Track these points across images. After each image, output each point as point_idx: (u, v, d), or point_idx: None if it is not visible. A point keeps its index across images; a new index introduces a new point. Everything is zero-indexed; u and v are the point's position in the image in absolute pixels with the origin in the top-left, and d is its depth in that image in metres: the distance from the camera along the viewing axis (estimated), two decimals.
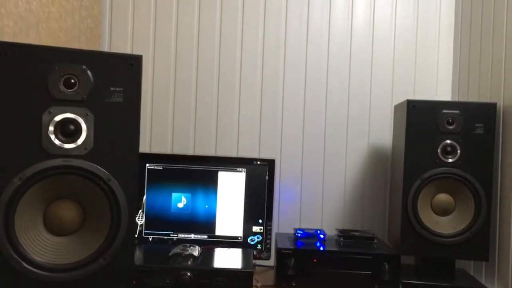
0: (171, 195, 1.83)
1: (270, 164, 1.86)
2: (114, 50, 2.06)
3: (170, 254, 1.55)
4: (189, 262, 1.50)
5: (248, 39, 2.10)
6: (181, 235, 1.82)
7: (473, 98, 1.90)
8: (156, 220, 1.82)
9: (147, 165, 1.83)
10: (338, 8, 2.11)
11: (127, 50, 2.07)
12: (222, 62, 2.10)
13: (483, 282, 1.73)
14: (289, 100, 2.10)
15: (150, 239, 1.81)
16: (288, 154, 2.10)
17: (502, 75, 1.68)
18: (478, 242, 1.63)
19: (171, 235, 1.82)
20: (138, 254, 1.59)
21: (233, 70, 2.10)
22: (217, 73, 2.10)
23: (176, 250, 1.57)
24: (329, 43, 2.11)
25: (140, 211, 1.80)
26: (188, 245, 1.61)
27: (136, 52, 2.05)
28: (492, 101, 1.70)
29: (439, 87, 2.11)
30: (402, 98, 1.84)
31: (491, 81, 1.77)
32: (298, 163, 2.10)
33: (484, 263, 1.75)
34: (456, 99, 2.05)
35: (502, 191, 1.65)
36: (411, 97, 1.96)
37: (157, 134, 2.08)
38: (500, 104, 1.67)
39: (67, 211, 1.17)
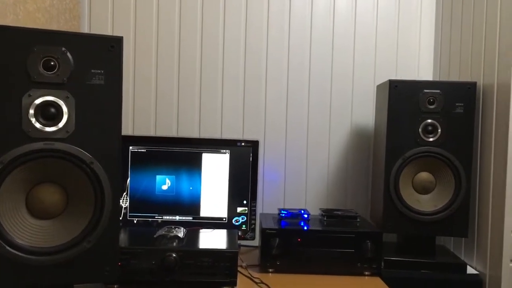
0: (155, 177, 1.83)
1: (254, 146, 1.87)
2: (94, 31, 2.02)
3: (155, 236, 1.55)
4: (174, 244, 1.51)
5: (230, 21, 2.08)
6: (166, 217, 1.83)
7: (454, 77, 1.92)
8: (141, 203, 1.82)
9: (131, 147, 1.82)
10: None
11: (108, 32, 2.04)
12: (204, 43, 2.08)
13: (462, 257, 1.77)
14: (272, 81, 2.10)
15: (135, 222, 1.81)
16: (272, 135, 2.10)
17: (482, 55, 1.70)
18: (458, 219, 1.66)
19: (156, 217, 1.83)
20: (123, 237, 1.59)
21: (216, 52, 2.08)
22: (199, 54, 2.08)
23: (161, 231, 1.57)
24: (311, 25, 2.10)
25: (124, 194, 1.80)
26: (173, 226, 1.62)
27: (116, 33, 2.02)
28: (473, 80, 1.72)
29: (421, 67, 2.13)
30: (384, 78, 1.85)
31: (471, 61, 1.79)
32: (282, 144, 2.11)
33: (463, 239, 1.80)
34: (437, 79, 2.07)
35: (481, 169, 1.69)
36: (393, 77, 1.97)
37: (140, 116, 2.07)
38: (480, 83, 1.70)
39: (50, 195, 1.16)
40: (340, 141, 2.12)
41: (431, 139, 1.67)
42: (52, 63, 1.14)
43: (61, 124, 1.15)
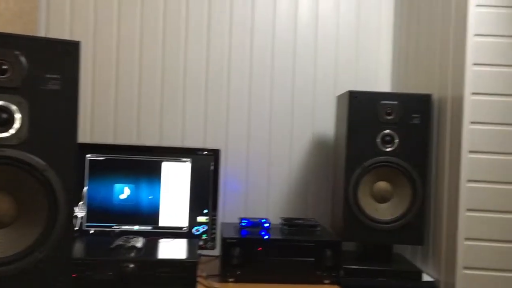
0: (114, 186, 1.79)
1: (215, 154, 1.86)
2: (52, 35, 1.97)
3: (112, 246, 1.52)
4: (132, 254, 1.48)
5: (193, 28, 2.07)
6: (124, 227, 1.79)
7: (411, 89, 1.98)
8: (98, 212, 1.77)
9: (88, 155, 1.77)
10: (283, 1, 2.13)
11: (66, 36, 1.99)
12: (166, 49, 2.06)
13: (418, 265, 1.81)
14: (234, 90, 2.10)
15: (92, 232, 1.76)
16: (234, 144, 2.10)
17: (436, 68, 1.76)
18: (413, 227, 1.70)
19: (113, 227, 1.78)
20: (78, 247, 1.55)
21: (178, 58, 2.07)
22: (161, 60, 2.06)
23: (119, 241, 1.54)
24: (274, 36, 2.12)
25: (81, 203, 1.75)
26: (131, 236, 1.59)
27: (75, 38, 1.96)
28: (428, 92, 1.77)
29: (380, 79, 2.18)
30: (344, 89, 1.89)
31: (426, 74, 1.85)
32: (243, 153, 2.11)
33: (419, 247, 1.84)
34: (395, 91, 2.13)
35: (437, 178, 1.74)
36: (353, 88, 2.01)
37: (99, 123, 2.02)
38: (435, 96, 1.75)
39: (0, 204, 1.12)
40: (302, 151, 2.14)
41: (389, 149, 1.71)
42: (4, 67, 1.10)
43: (13, 130, 1.11)
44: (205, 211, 1.83)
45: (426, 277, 1.72)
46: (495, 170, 1.55)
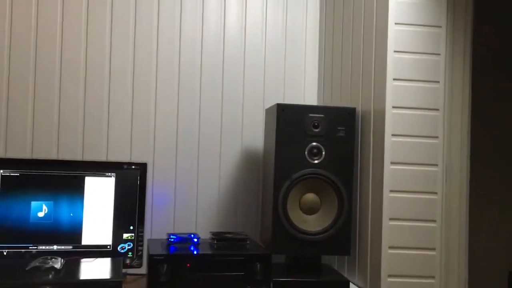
0: (30, 203, 1.67)
1: (142, 168, 1.80)
2: None
3: (27, 269, 1.41)
4: (50, 276, 1.38)
5: (118, 37, 2.01)
6: (42, 247, 1.67)
7: (336, 103, 2.04)
8: (12, 232, 1.65)
9: (1, 171, 1.65)
10: (210, 15, 2.12)
11: None
12: (88, 58, 1.98)
13: (345, 275, 1.85)
14: (161, 102, 2.05)
15: (5, 253, 1.63)
16: (161, 157, 2.05)
17: (360, 83, 1.83)
18: (340, 238, 1.74)
19: (30, 247, 1.66)
20: None
21: (102, 68, 1.99)
22: (83, 69, 1.98)
23: (35, 263, 1.44)
24: (202, 50, 2.11)
25: None
26: (49, 257, 1.49)
27: None
28: (352, 106, 1.83)
29: (307, 93, 2.23)
30: (272, 102, 1.91)
31: (351, 88, 1.91)
32: (171, 167, 2.06)
33: (346, 257, 1.88)
34: (321, 104, 2.18)
35: (361, 189, 1.79)
36: (281, 101, 2.04)
37: (15, 137, 1.89)
38: (359, 109, 1.81)
39: None
40: (231, 164, 2.13)
41: (316, 161, 1.74)
42: None
43: None
44: (131, 227, 1.76)
45: (353, 287, 1.75)
46: (415, 180, 1.62)
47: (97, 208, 1.74)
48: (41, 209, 1.68)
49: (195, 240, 1.77)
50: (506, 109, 2.52)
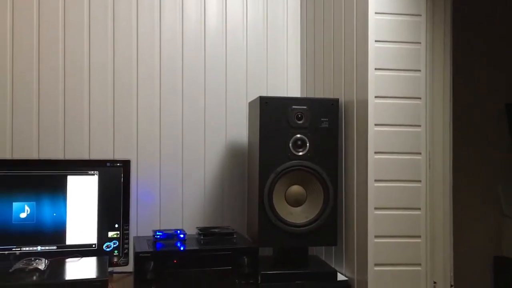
0: (12, 204, 1.64)
1: (125, 165, 1.78)
2: None
3: (10, 271, 1.39)
4: (34, 277, 1.36)
5: (97, 34, 1.98)
6: (25, 249, 1.65)
7: (319, 94, 2.03)
8: None
9: None
10: (190, 8, 2.09)
11: None
12: (67, 57, 1.95)
13: (333, 265, 1.86)
14: (143, 98, 2.03)
15: None
16: (145, 154, 2.03)
17: (342, 74, 1.82)
18: (327, 229, 1.74)
19: (13, 249, 1.63)
20: None
21: (82, 64, 1.96)
22: (62, 67, 1.94)
23: (18, 265, 1.42)
24: (183, 43, 2.08)
25: None
26: (32, 258, 1.47)
27: None
28: (335, 97, 1.83)
29: (289, 85, 2.22)
30: (255, 95, 1.90)
31: (333, 79, 1.91)
32: (156, 163, 2.04)
33: (333, 248, 1.88)
34: (304, 96, 2.18)
35: (346, 180, 1.80)
36: (264, 94, 2.03)
37: None
38: (342, 100, 1.81)
39: None
40: (216, 158, 2.11)
41: (301, 153, 1.74)
42: None
43: None
44: (116, 225, 1.74)
45: (341, 277, 1.76)
46: (399, 169, 1.63)
47: (80, 207, 1.71)
48: (23, 210, 1.66)
49: (182, 236, 1.76)
50: (485, 96, 2.55)
